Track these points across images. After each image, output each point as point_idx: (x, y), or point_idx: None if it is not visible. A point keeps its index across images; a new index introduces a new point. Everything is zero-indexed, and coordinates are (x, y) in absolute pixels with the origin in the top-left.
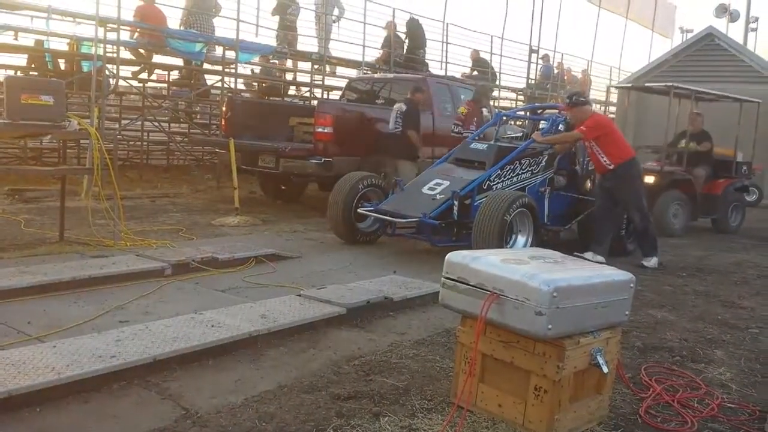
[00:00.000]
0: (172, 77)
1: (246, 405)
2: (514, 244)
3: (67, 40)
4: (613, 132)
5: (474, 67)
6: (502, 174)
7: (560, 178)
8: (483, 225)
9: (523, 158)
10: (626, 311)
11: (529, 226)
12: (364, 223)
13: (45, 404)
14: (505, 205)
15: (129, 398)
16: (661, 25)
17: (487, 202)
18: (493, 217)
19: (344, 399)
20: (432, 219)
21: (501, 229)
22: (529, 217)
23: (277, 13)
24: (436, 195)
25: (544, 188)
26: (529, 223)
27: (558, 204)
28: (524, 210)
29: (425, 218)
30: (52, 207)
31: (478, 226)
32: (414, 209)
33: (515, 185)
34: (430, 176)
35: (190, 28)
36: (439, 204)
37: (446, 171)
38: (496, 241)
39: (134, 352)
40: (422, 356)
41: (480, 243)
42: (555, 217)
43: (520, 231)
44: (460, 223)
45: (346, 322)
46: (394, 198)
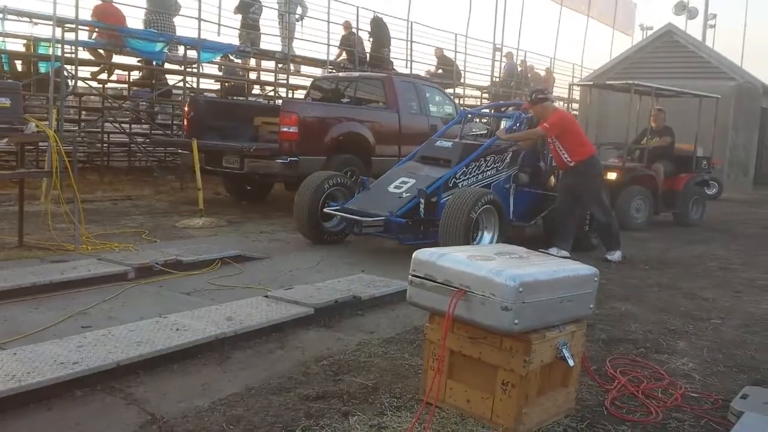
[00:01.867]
0: (132, 78)
1: (213, 408)
2: (480, 241)
3: (24, 40)
4: (575, 129)
5: (439, 65)
6: (467, 171)
7: (524, 174)
8: (449, 222)
9: (488, 155)
10: (591, 305)
11: (494, 222)
12: (331, 222)
13: (5, 412)
14: (470, 203)
15: (93, 405)
16: (621, 22)
17: (453, 200)
18: (459, 214)
19: (313, 399)
20: (398, 217)
21: (467, 226)
22: (494, 214)
23: (239, 11)
24: (402, 193)
25: (509, 185)
26: (494, 220)
27: (523, 200)
28: (490, 207)
29: (392, 217)
30: (11, 211)
31: (445, 224)
32: (380, 208)
33: (480, 182)
34: (396, 175)
35: (151, 27)
36: (406, 202)
37: (412, 169)
38: (463, 238)
39: (97, 357)
40: (391, 354)
41: (447, 240)
42: (520, 214)
43: (486, 228)
44: (427, 220)
45: (315, 322)
46: (360, 197)
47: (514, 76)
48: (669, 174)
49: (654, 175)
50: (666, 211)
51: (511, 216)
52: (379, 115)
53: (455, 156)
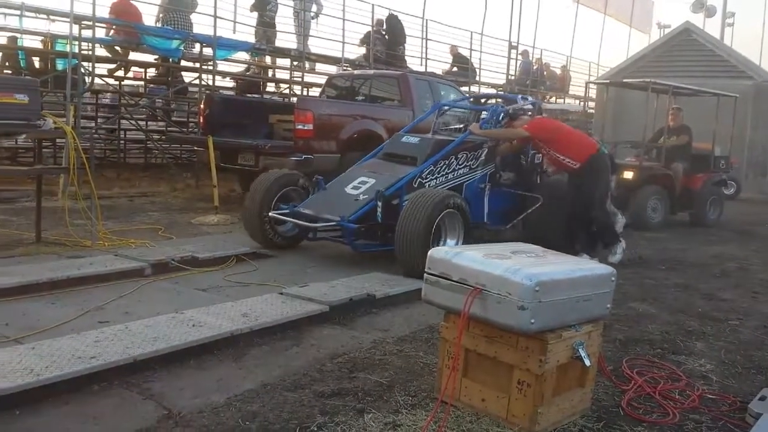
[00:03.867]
0: (149, 75)
1: (229, 404)
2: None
3: (41, 37)
4: (565, 131)
5: (454, 63)
6: (435, 170)
7: (508, 173)
8: (407, 228)
9: (460, 152)
10: (608, 305)
11: (459, 228)
12: (285, 226)
13: (24, 406)
14: (430, 206)
15: (110, 399)
16: (638, 20)
17: (411, 203)
18: (418, 219)
19: (328, 396)
20: (351, 222)
21: (426, 232)
22: (459, 219)
23: (255, 9)
24: (360, 195)
25: (484, 184)
26: (459, 226)
27: (499, 201)
28: (453, 211)
29: (343, 221)
30: (28, 207)
31: (401, 230)
32: (334, 211)
33: (451, 182)
34: (355, 174)
35: (167, 24)
36: (362, 205)
37: (374, 168)
38: (422, 246)
39: (114, 352)
40: (405, 352)
41: (403, 249)
42: (496, 215)
43: (450, 234)
44: (386, 226)
45: (329, 319)
46: (314, 198)
47: (529, 74)
48: (686, 173)
49: (671, 174)
50: (683, 210)
51: (486, 218)
52: (394, 112)
53: (422, 153)
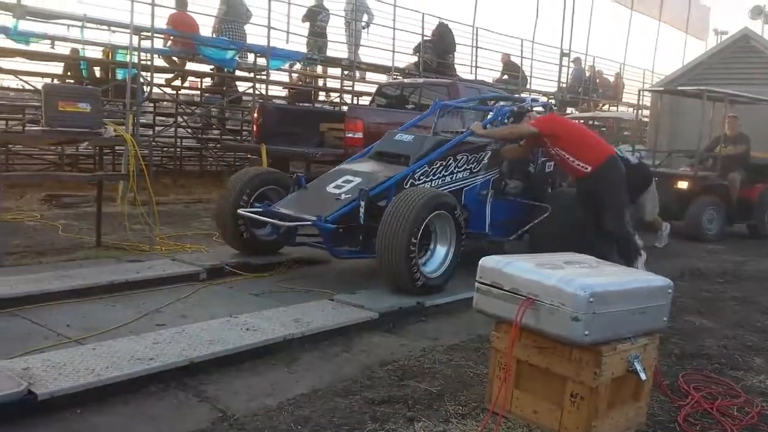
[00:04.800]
0: (204, 84)
1: (281, 408)
2: (432, 256)
3: (102, 48)
4: (578, 130)
5: (504, 71)
6: (430, 171)
7: (515, 182)
8: (389, 232)
9: (460, 154)
10: (664, 317)
11: (450, 234)
12: (263, 229)
13: (85, 406)
14: (415, 207)
15: (167, 400)
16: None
17: (394, 204)
18: (401, 222)
19: (378, 403)
20: (329, 222)
21: (410, 238)
22: (449, 222)
23: (307, 19)
24: (342, 194)
25: (486, 191)
26: (450, 231)
27: (504, 210)
28: (444, 213)
29: (319, 222)
30: (89, 212)
31: (382, 234)
32: (312, 210)
33: (448, 186)
34: (340, 173)
35: (222, 35)
36: (343, 205)
37: (362, 166)
38: (404, 251)
39: (171, 354)
40: (455, 362)
41: (385, 254)
42: (499, 226)
43: (440, 240)
44: (368, 229)
45: (379, 326)
46: (292, 198)
47: (581, 82)
48: (744, 183)
49: (728, 184)
50: (740, 222)
51: (488, 228)
52: (444, 121)
53: (415, 152)
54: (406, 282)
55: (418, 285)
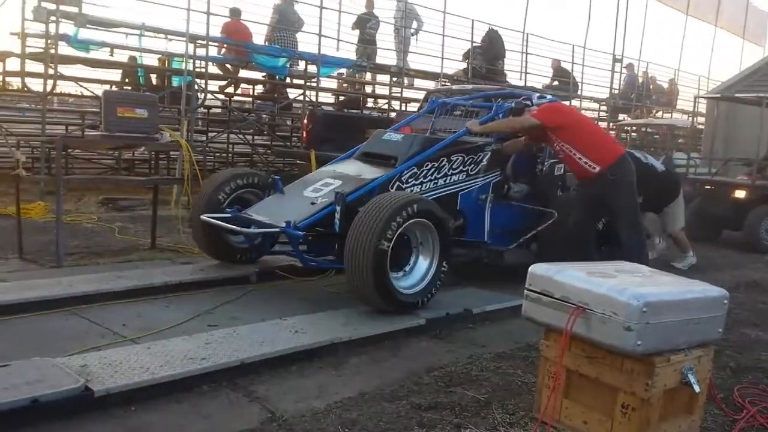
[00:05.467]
0: (256, 91)
1: (329, 411)
2: (413, 269)
3: (159, 56)
4: (587, 124)
5: (555, 77)
6: (419, 173)
7: (520, 185)
8: (356, 242)
9: (455, 154)
10: (719, 329)
11: (434, 244)
12: (239, 236)
13: (140, 403)
14: (387, 214)
15: (218, 399)
16: (752, 32)
17: (365, 210)
18: (370, 230)
19: (425, 409)
20: (300, 229)
21: (379, 247)
22: (432, 232)
23: (357, 27)
24: (318, 198)
25: (485, 195)
26: (434, 241)
27: (505, 216)
28: (423, 220)
29: (287, 228)
30: (144, 215)
31: (350, 244)
32: (285, 216)
33: (441, 189)
34: (321, 175)
35: (274, 43)
36: (318, 210)
37: (345, 168)
38: (374, 267)
39: (223, 355)
40: (503, 370)
41: (352, 267)
42: (500, 234)
43: (422, 250)
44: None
45: (426, 332)
46: (266, 202)
47: (634, 88)
48: None
49: None
50: None
51: (486, 237)
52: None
53: (403, 152)
54: (376, 299)
55: (390, 302)
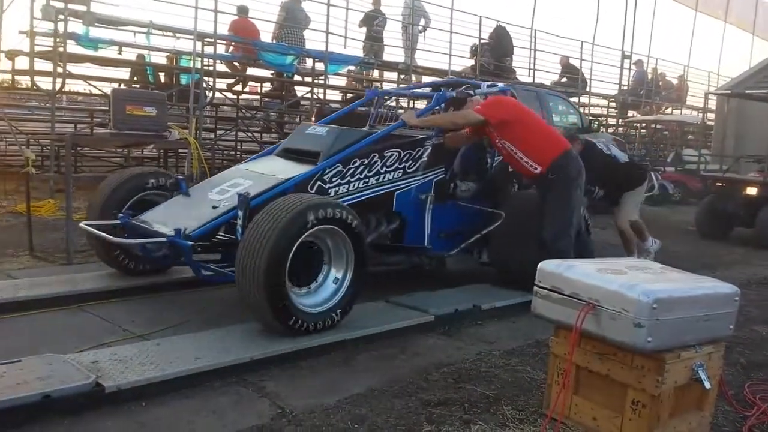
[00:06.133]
0: (264, 89)
1: (339, 407)
2: (323, 284)
3: (167, 54)
4: (532, 120)
5: (563, 73)
6: (345, 171)
7: (468, 183)
8: (247, 253)
9: (389, 150)
10: (730, 325)
11: (347, 254)
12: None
13: (150, 398)
14: (284, 220)
15: (228, 395)
16: (762, 28)
17: (260, 216)
18: (262, 239)
19: (434, 405)
20: (192, 238)
21: (272, 259)
22: (345, 240)
23: (364, 24)
24: (222, 202)
25: (425, 195)
26: (347, 250)
27: (449, 218)
28: (332, 227)
29: (177, 237)
30: None
31: (241, 256)
32: (179, 223)
33: (373, 189)
34: (233, 174)
35: (282, 41)
36: (218, 215)
37: (261, 166)
38: (268, 281)
39: (233, 351)
40: (512, 366)
41: (243, 283)
42: (444, 238)
43: (335, 262)
44: None
45: (434, 329)
46: (166, 206)
47: (644, 85)
48: None
49: None
50: None
51: (426, 241)
52: None
53: (326, 147)
54: (270, 319)
55: (288, 323)
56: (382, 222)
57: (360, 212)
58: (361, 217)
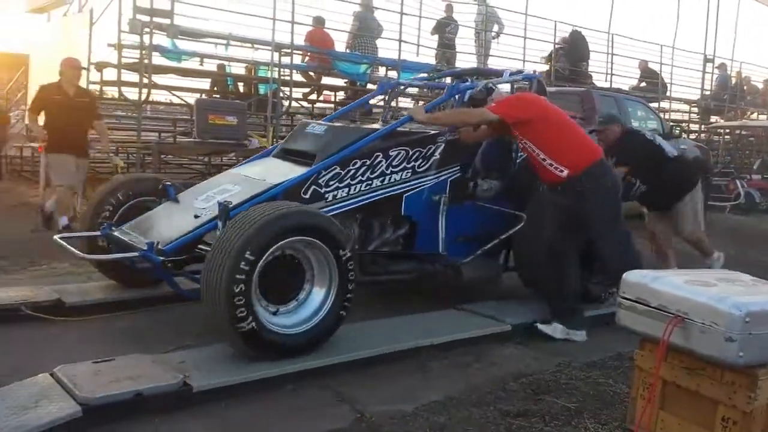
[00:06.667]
0: (338, 98)
1: (416, 414)
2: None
3: (246, 64)
4: (557, 118)
5: (642, 78)
6: (344, 174)
7: (490, 181)
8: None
9: (394, 148)
10: None
11: (331, 270)
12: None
13: (232, 399)
14: (252, 230)
15: (307, 398)
16: None
17: (228, 227)
18: (227, 252)
19: (514, 416)
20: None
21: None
22: (326, 254)
23: (436, 32)
24: (207, 210)
25: (439, 196)
26: (329, 265)
27: (467, 221)
28: (309, 239)
29: (149, 251)
30: None
31: (205, 272)
32: (160, 234)
33: (378, 192)
34: (225, 178)
35: (355, 50)
36: (196, 226)
37: (254, 170)
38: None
39: (312, 355)
40: (593, 379)
41: (207, 301)
42: (461, 243)
43: (318, 279)
44: None
45: (510, 338)
46: (150, 215)
47: (727, 89)
48: None
49: None
50: None
51: (441, 247)
52: None
53: (324, 147)
54: (236, 340)
55: (258, 346)
56: (387, 228)
57: (364, 218)
58: (365, 222)
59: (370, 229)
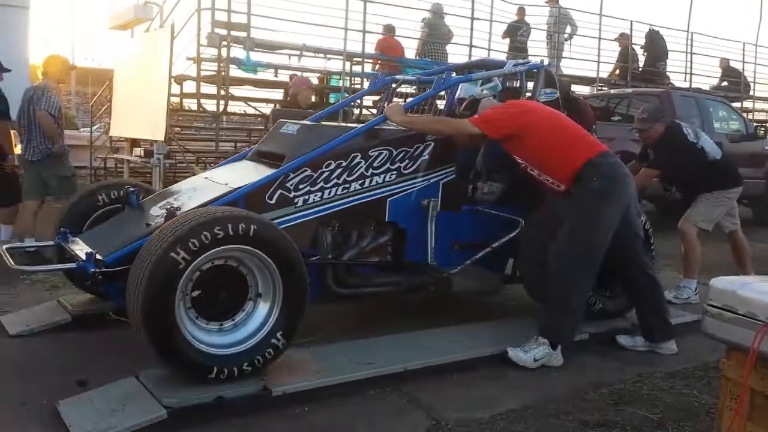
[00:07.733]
0: None
1: (493, 422)
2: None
3: (318, 74)
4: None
5: (723, 77)
6: (317, 177)
7: (492, 184)
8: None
9: (375, 147)
10: None
11: (274, 281)
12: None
13: (310, 403)
14: (171, 239)
15: (384, 404)
16: None
17: (151, 239)
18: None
19: (593, 426)
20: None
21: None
22: (269, 265)
23: (507, 35)
24: (158, 218)
25: (428, 200)
26: (272, 277)
27: (461, 227)
28: (250, 249)
29: (87, 262)
30: None
31: (130, 285)
32: (107, 245)
33: (356, 197)
34: (189, 183)
35: (425, 57)
36: (138, 237)
37: (221, 173)
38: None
39: (387, 360)
40: (677, 389)
41: (134, 315)
42: (453, 252)
43: (263, 293)
44: None
45: (589, 348)
46: (109, 223)
47: None
48: None
49: None
50: None
51: (430, 257)
52: None
53: (294, 148)
54: (161, 357)
55: (183, 364)
56: (369, 236)
57: (341, 225)
58: (344, 230)
59: (349, 238)
